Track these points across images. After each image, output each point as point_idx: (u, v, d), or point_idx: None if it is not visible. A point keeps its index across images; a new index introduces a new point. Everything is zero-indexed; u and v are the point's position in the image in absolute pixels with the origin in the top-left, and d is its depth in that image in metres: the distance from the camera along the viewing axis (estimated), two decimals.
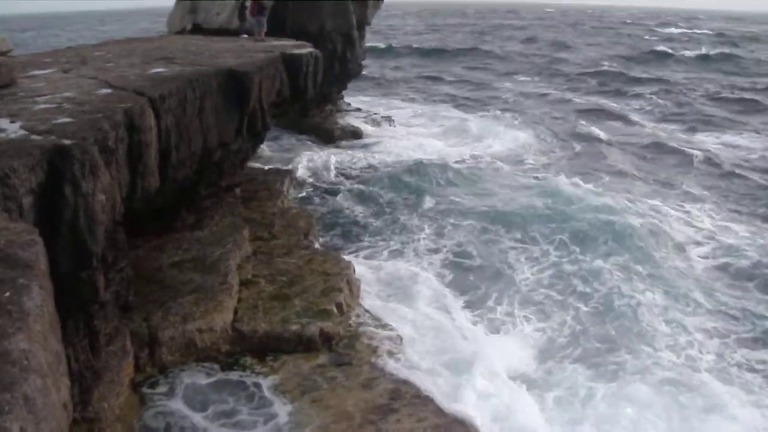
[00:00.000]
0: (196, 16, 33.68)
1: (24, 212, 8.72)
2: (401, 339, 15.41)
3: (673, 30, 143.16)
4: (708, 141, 41.80)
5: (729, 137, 42.95)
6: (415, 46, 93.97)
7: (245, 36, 27.85)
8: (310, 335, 14.38)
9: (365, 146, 36.96)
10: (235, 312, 14.81)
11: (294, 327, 14.48)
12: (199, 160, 16.66)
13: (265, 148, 31.65)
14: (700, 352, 17.04)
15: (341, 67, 39.87)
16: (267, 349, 14.20)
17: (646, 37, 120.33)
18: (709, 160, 36.06)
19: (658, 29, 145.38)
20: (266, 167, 28.51)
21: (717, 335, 18.00)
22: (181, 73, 16.28)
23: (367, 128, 39.72)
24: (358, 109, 43.64)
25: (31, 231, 6.84)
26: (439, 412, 12.79)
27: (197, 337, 13.71)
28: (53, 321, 6.06)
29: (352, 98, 46.75)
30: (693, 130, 45.16)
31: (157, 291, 14.76)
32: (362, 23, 41.26)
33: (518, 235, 24.16)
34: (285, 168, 29.30)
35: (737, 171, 34.21)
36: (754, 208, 28.73)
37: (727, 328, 18.43)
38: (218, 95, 17.05)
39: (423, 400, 13.02)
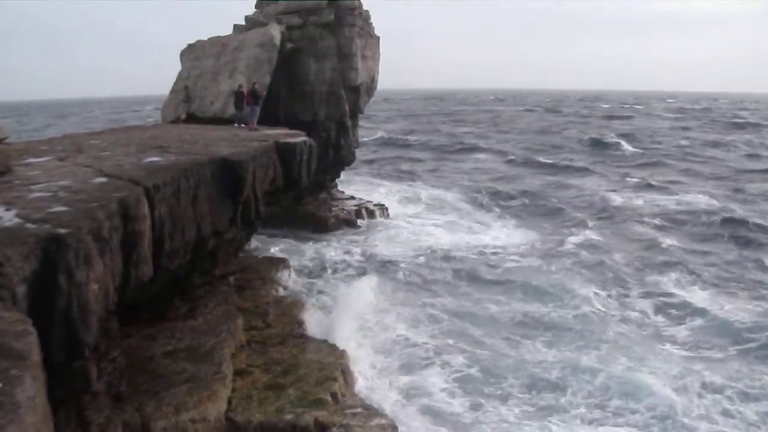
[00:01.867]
0: (190, 105, 34.20)
1: (17, 301, 8.73)
2: (396, 428, 15.26)
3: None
4: None
5: None
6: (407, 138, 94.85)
7: (240, 125, 28.27)
8: (305, 425, 14.25)
9: (359, 236, 37.18)
10: (229, 402, 14.69)
11: (289, 417, 14.36)
12: (192, 249, 16.69)
13: (259, 237, 31.76)
14: None
15: (335, 155, 40.29)
16: None
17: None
18: None
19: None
20: (260, 256, 28.56)
21: None
22: (175, 162, 16.47)
23: (360, 217, 39.91)
24: (352, 197, 43.87)
25: (24, 321, 6.86)
26: None
27: (190, 428, 13.55)
28: (45, 412, 6.04)
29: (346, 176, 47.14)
30: None
31: (149, 380, 14.65)
32: (355, 111, 41.82)
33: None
34: (279, 256, 29.35)
35: None
36: None
37: None
38: (212, 184, 17.17)
39: None
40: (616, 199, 47.99)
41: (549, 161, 67.87)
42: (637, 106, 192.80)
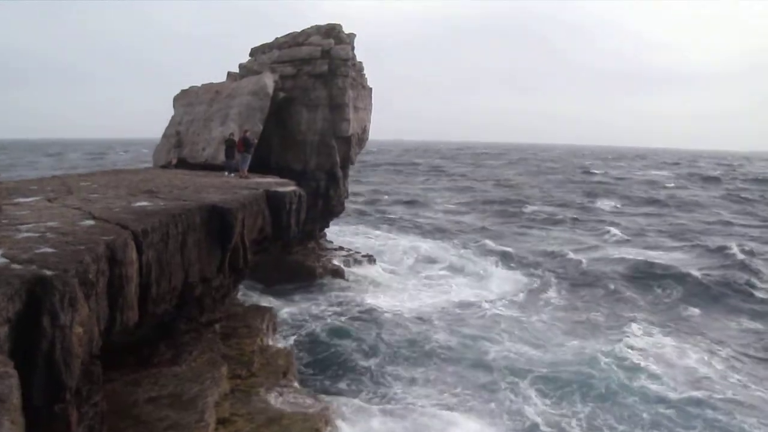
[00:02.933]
0: (181, 150, 34.33)
1: (0, 342, 8.63)
2: None
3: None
4: None
5: None
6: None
7: (230, 172, 28.32)
8: None
9: (346, 288, 37.20)
10: None
11: None
12: (179, 295, 16.61)
13: (246, 285, 31.70)
14: None
15: (324, 204, 40.38)
16: None
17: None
18: None
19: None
20: (247, 304, 28.44)
21: None
22: (165, 207, 16.46)
23: (348, 268, 39.95)
24: (341, 248, 43.92)
25: (5, 363, 6.78)
26: None
27: None
28: None
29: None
30: None
31: (131, 427, 14.40)
32: (346, 161, 42.02)
33: None
34: (265, 305, 29.25)
35: None
36: None
37: None
38: (201, 230, 17.14)
39: None
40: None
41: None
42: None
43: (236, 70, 42.16)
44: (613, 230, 61.06)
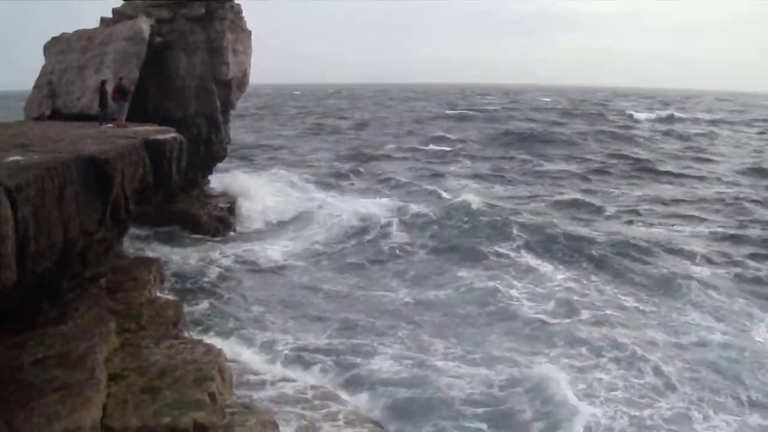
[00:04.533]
0: (55, 101, 32.96)
1: None
2: (276, 425, 15.20)
3: None
4: None
5: None
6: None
7: (106, 122, 27.37)
8: (184, 427, 13.90)
9: (231, 233, 37.05)
10: (104, 408, 14.13)
11: (166, 420, 13.97)
12: (60, 251, 16.09)
13: (130, 237, 31.03)
14: None
15: (206, 150, 39.71)
16: None
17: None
18: None
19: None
20: (132, 256, 27.90)
21: None
22: (39, 161, 15.80)
23: (232, 214, 39.62)
24: (225, 194, 43.36)
25: None
26: None
27: None
28: None
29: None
30: None
31: (18, 391, 13.97)
32: (226, 106, 41.35)
33: None
34: (151, 257, 28.77)
35: None
36: None
37: None
38: (79, 183, 16.61)
39: None
40: None
41: None
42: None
43: (110, 15, 40.51)
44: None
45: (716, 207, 46.12)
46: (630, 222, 41.41)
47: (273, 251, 34.18)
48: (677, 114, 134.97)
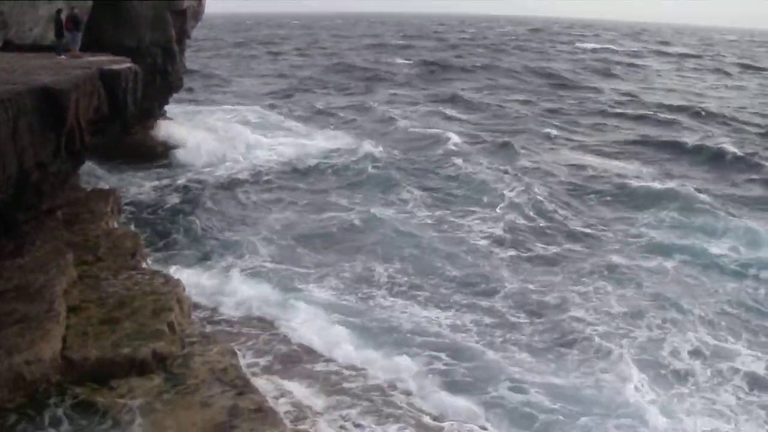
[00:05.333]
0: (7, 32, 32.08)
1: None
2: (235, 353, 15.42)
3: None
4: None
5: None
6: None
7: (61, 53, 26.83)
8: (143, 357, 14.09)
9: (188, 161, 36.87)
10: (64, 340, 14.22)
11: (126, 350, 14.13)
12: (15, 184, 15.98)
13: (86, 169, 30.73)
14: None
15: (162, 81, 39.10)
16: (100, 375, 13.77)
17: None
18: None
19: None
20: (88, 188, 27.66)
21: None
22: None
23: (189, 141, 39.25)
24: (183, 123, 42.94)
25: None
26: (281, 424, 12.88)
27: (25, 370, 13.06)
28: None
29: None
30: None
31: None
32: (182, 36, 40.66)
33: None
34: (107, 188, 28.56)
35: None
36: None
37: None
38: (33, 114, 16.42)
39: (264, 413, 13.05)
40: None
41: None
42: None
43: None
44: None
45: None
46: None
47: (223, 176, 34.97)
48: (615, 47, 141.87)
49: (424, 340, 18.85)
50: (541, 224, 28.44)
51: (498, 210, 30.00)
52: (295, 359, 17.54)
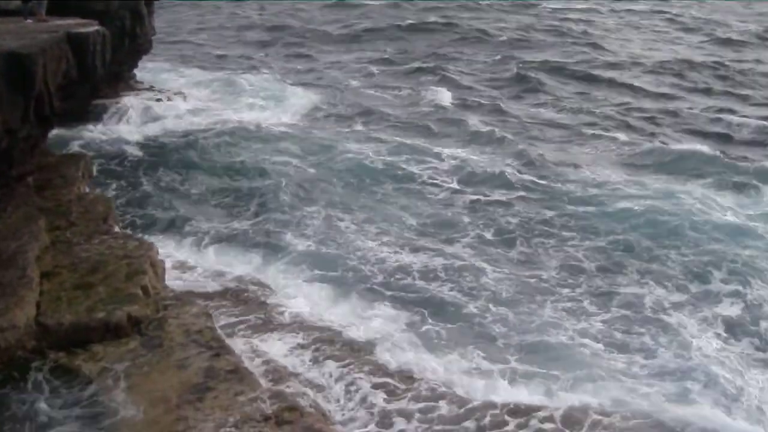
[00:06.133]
0: None
1: None
2: (210, 315, 15.43)
3: None
4: None
5: None
6: None
7: (27, 17, 26.31)
8: (118, 321, 14.04)
9: (159, 123, 36.41)
10: (38, 306, 14.15)
11: (100, 315, 14.08)
12: None
13: (57, 133, 30.36)
14: None
15: (131, 44, 38.49)
16: (75, 340, 13.73)
17: None
18: None
19: None
20: (59, 153, 27.30)
21: None
22: None
23: (160, 105, 38.78)
24: (152, 87, 42.41)
25: None
26: (256, 384, 12.92)
27: None
28: None
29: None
30: None
31: None
32: None
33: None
34: (78, 153, 28.22)
35: None
36: None
37: None
38: (0, 80, 16.22)
39: (240, 374, 13.09)
40: None
41: None
42: None
43: None
44: None
45: None
46: None
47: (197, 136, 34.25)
48: None
49: (401, 294, 19.26)
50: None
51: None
52: (271, 319, 17.58)
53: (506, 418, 14.07)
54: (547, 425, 13.90)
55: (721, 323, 18.01)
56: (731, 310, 18.65)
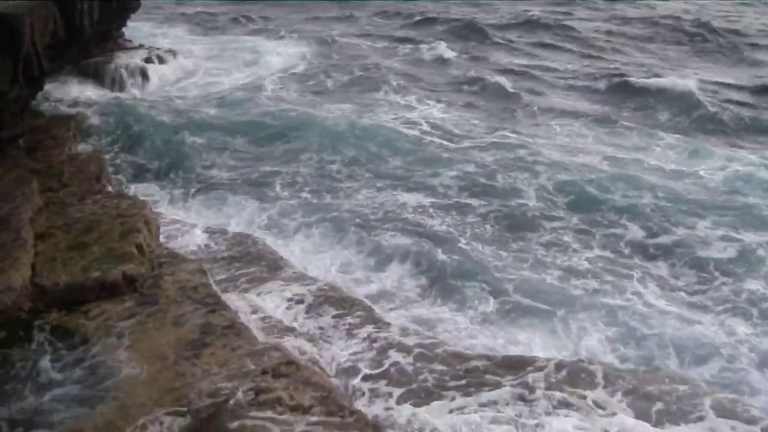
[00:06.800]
0: None
1: None
2: (205, 272, 15.36)
3: None
4: None
5: None
6: None
7: None
8: (113, 280, 13.95)
9: (150, 81, 36.07)
10: (33, 267, 14.06)
11: (96, 274, 13.99)
12: None
13: (46, 95, 30.06)
14: None
15: (119, 2, 37.96)
16: (71, 300, 13.63)
17: None
18: None
19: None
20: (49, 114, 27.05)
21: None
22: None
23: (151, 63, 38.34)
24: (141, 46, 41.89)
25: None
26: (253, 339, 12.88)
27: None
28: None
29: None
30: None
31: None
32: None
33: None
34: (68, 113, 27.94)
35: None
36: None
37: None
38: None
39: (236, 329, 13.02)
40: None
41: None
42: None
43: None
44: None
45: None
46: None
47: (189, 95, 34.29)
48: None
49: (396, 241, 19.27)
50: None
51: None
52: (267, 273, 17.46)
53: (503, 366, 13.83)
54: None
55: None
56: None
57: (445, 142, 26.46)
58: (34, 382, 11.70)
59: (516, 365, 13.50)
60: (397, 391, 12.94)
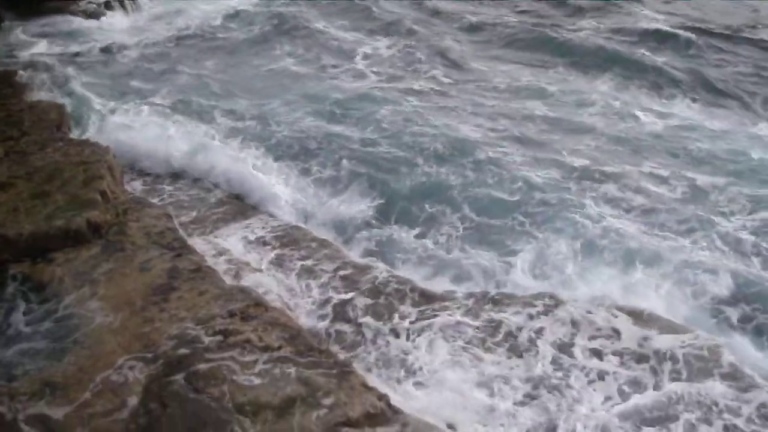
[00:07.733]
0: None
1: None
2: (170, 216, 15.20)
3: None
4: None
5: None
6: None
7: None
8: (78, 227, 13.72)
9: (112, 19, 35.09)
10: None
11: (59, 222, 13.75)
12: None
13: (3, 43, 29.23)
14: None
15: None
16: (36, 249, 13.41)
17: None
18: None
19: None
20: (4, 62, 26.30)
21: None
22: None
23: (110, 8, 37.25)
24: None
25: None
26: (220, 282, 12.81)
27: None
28: None
29: None
30: None
31: None
32: None
33: None
34: (25, 60, 27.18)
35: None
36: None
37: None
38: None
39: (203, 273, 12.97)
40: None
41: None
42: None
43: None
44: None
45: None
46: None
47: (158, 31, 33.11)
48: None
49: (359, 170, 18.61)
50: None
51: None
52: (233, 214, 17.34)
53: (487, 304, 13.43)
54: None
55: None
56: None
57: None
58: (3, 334, 11.58)
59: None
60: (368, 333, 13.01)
